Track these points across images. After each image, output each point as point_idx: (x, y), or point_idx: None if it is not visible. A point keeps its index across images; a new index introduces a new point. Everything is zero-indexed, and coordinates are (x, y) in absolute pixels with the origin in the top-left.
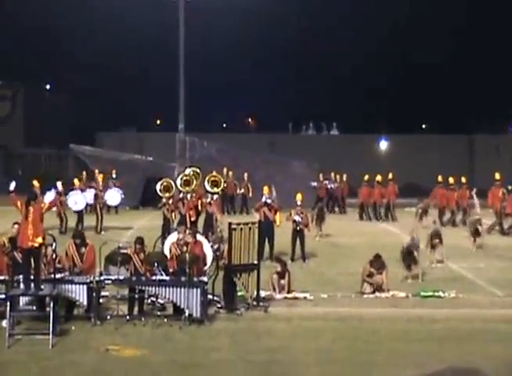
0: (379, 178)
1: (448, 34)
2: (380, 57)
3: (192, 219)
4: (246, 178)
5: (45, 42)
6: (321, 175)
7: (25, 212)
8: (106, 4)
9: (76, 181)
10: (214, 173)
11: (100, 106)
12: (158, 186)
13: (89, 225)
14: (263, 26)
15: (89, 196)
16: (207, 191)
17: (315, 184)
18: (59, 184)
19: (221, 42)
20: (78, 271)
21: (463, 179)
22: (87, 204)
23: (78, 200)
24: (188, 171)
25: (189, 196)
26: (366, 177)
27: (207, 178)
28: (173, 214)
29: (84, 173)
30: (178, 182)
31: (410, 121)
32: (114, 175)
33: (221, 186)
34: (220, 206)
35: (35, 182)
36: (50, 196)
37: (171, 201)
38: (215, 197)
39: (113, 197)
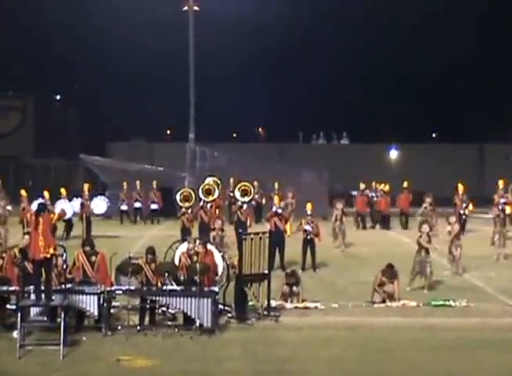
0: (386, 187)
1: (458, 43)
2: (389, 66)
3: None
4: (276, 187)
5: (54, 53)
6: (362, 185)
7: (35, 223)
8: (116, 15)
9: (63, 190)
10: (245, 182)
11: (110, 117)
12: (178, 196)
13: (77, 235)
14: (273, 36)
15: (76, 205)
16: (237, 199)
17: (355, 193)
18: (45, 194)
19: (231, 52)
20: (93, 281)
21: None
22: (74, 213)
23: (65, 208)
24: (208, 180)
25: (208, 205)
26: (362, 186)
27: (237, 187)
28: (192, 223)
29: (125, 183)
30: (200, 191)
31: (420, 130)
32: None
33: (252, 194)
34: (252, 214)
35: (46, 193)
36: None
37: (190, 211)
38: (245, 206)
39: (99, 205)
